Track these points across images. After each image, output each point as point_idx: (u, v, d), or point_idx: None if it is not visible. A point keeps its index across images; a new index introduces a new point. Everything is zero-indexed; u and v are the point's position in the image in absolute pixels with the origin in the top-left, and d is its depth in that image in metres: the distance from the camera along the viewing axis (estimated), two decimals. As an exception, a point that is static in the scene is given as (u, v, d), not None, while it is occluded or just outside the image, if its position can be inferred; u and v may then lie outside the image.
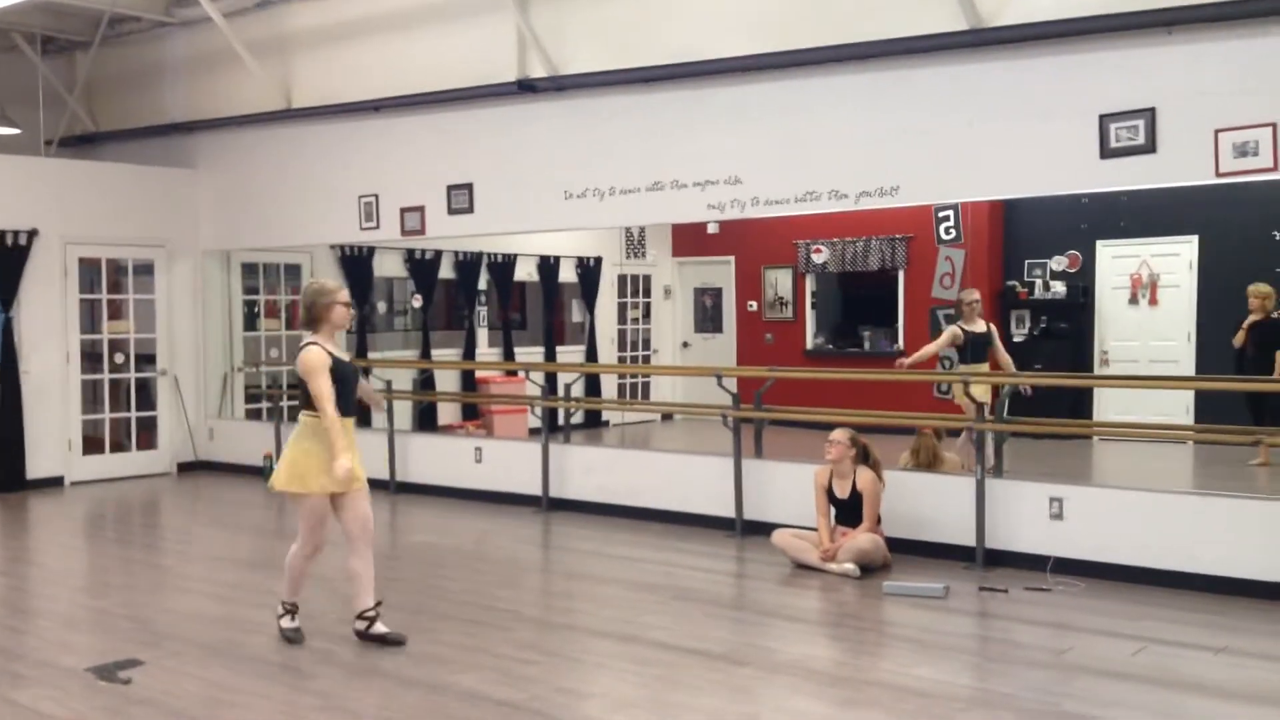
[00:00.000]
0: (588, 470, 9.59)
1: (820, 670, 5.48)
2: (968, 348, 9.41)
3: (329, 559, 5.88)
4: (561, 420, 10.47)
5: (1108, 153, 7.00)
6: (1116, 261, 12.91)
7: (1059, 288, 13.10)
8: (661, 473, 9.28)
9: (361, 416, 7.20)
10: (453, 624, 6.18)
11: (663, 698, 5.03)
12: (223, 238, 12.11)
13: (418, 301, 13.51)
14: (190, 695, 5.07)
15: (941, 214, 13.28)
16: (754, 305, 15.31)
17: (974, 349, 9.42)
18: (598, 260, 15.13)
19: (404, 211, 10.43)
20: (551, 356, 14.61)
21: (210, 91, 11.68)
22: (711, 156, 8.61)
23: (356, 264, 12.62)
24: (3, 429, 10.81)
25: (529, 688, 5.12)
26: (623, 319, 15.74)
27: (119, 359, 11.73)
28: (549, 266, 14.66)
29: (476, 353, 13.99)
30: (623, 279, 15.67)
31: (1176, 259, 12.51)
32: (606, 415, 15.12)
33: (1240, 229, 11.76)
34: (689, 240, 15.66)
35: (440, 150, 10.20)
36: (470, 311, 14.01)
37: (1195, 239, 12.29)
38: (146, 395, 12.01)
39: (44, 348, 11.07)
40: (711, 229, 14.88)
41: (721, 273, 15.75)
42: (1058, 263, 13.20)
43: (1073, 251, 13.10)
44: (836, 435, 7.48)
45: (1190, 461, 11.23)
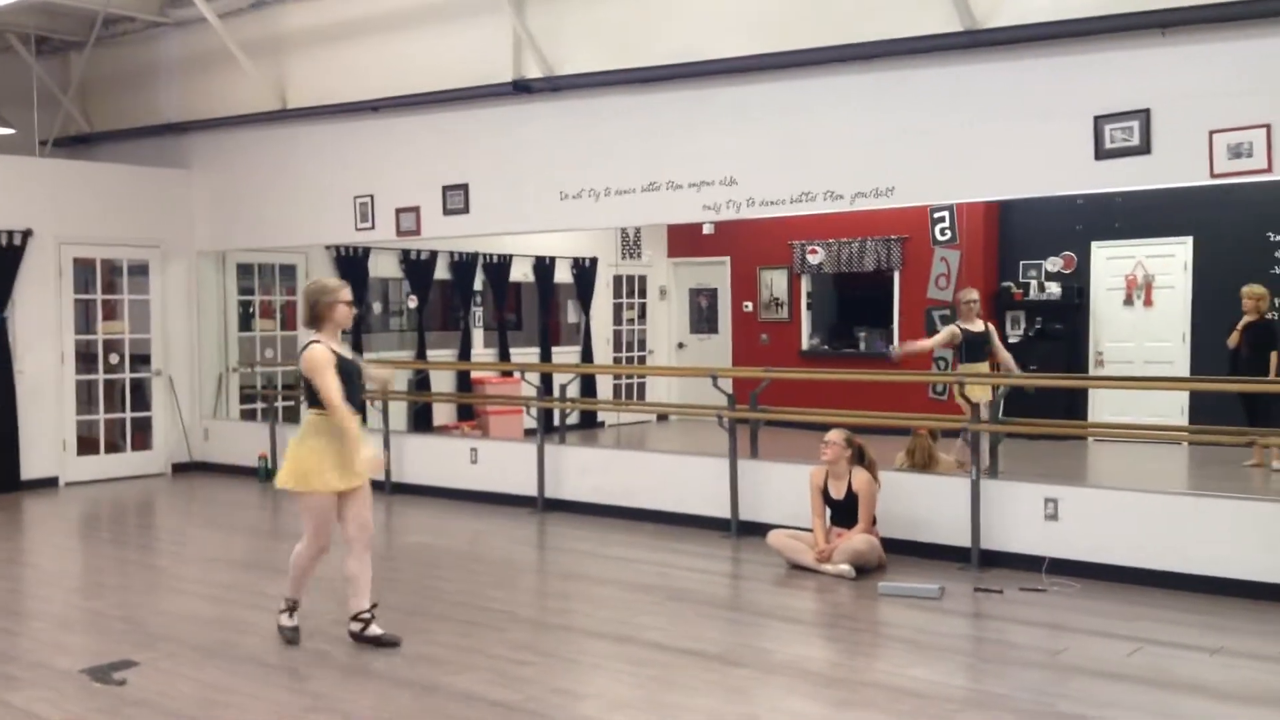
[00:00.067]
0: (583, 471, 9.59)
1: (816, 671, 5.48)
2: (965, 347, 9.42)
3: (327, 559, 5.86)
4: (557, 421, 10.46)
5: (1102, 154, 7.01)
6: (1111, 262, 12.92)
7: (1054, 289, 13.11)
8: (657, 473, 9.28)
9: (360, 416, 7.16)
10: (448, 625, 6.18)
11: (658, 698, 5.03)
12: (218, 238, 12.10)
13: (413, 302, 13.49)
14: (185, 696, 5.07)
15: (937, 215, 13.31)
16: (749, 306, 15.31)
17: (972, 348, 9.42)
18: (593, 261, 15.13)
19: (399, 212, 10.43)
20: (547, 357, 14.61)
21: (205, 92, 11.67)
22: (707, 157, 8.61)
23: (352, 264, 12.60)
24: (-3, 430, 10.80)
25: (524, 688, 5.11)
26: (618, 320, 15.73)
27: (114, 359, 11.71)
28: (544, 267, 14.66)
29: (472, 353, 13.97)
30: (618, 279, 15.66)
31: (1171, 260, 12.52)
32: (602, 416, 15.12)
33: (1235, 230, 11.77)
34: (684, 241, 15.65)
35: (436, 151, 10.19)
36: (465, 312, 14.00)
37: (1190, 240, 12.30)
38: (141, 396, 11.99)
39: (38, 348, 11.05)
40: (707, 230, 14.82)
41: (717, 273, 15.74)
42: (1053, 264, 13.21)
43: (1068, 252, 13.11)
44: (832, 436, 7.48)
45: (1185, 462, 11.24)
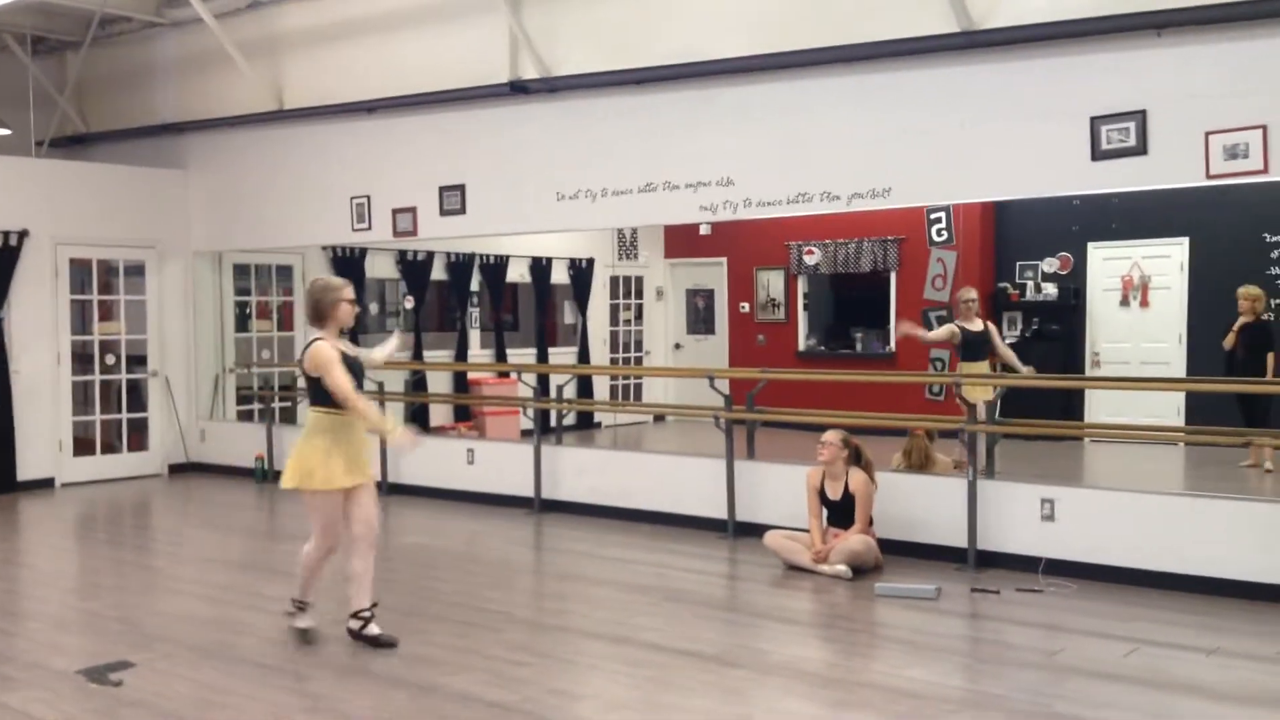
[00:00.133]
0: (580, 472, 9.59)
1: (812, 672, 5.48)
2: (964, 346, 9.42)
3: (332, 559, 5.85)
4: (554, 422, 10.46)
5: (1099, 154, 7.02)
6: (1108, 263, 12.93)
7: (1050, 290, 13.12)
8: (654, 474, 9.28)
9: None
10: (445, 625, 6.17)
11: (655, 699, 5.03)
12: (214, 239, 12.09)
13: (410, 303, 13.49)
14: (181, 697, 5.06)
15: (933, 216, 13.32)
16: (746, 307, 15.31)
17: (971, 348, 9.42)
18: (590, 261, 15.13)
19: (396, 213, 10.42)
20: (544, 358, 14.61)
21: (201, 92, 11.66)
22: (703, 158, 8.61)
23: (349, 265, 12.59)
24: (-7, 430, 10.79)
25: (521, 689, 5.11)
26: (615, 320, 15.74)
27: (110, 360, 11.70)
28: (541, 268, 14.66)
29: (468, 354, 13.97)
30: (615, 280, 15.66)
31: (1167, 261, 12.54)
32: (599, 417, 15.11)
33: (1230, 231, 11.79)
34: (681, 241, 15.65)
35: (432, 151, 10.19)
36: (462, 313, 14.00)
37: (1186, 241, 12.31)
38: (138, 396, 11.98)
39: (34, 349, 11.04)
40: (704, 230, 14.90)
41: (714, 274, 15.75)
42: (1049, 265, 13.22)
43: (1064, 253, 13.12)
44: (829, 437, 7.48)
45: (1181, 463, 11.25)
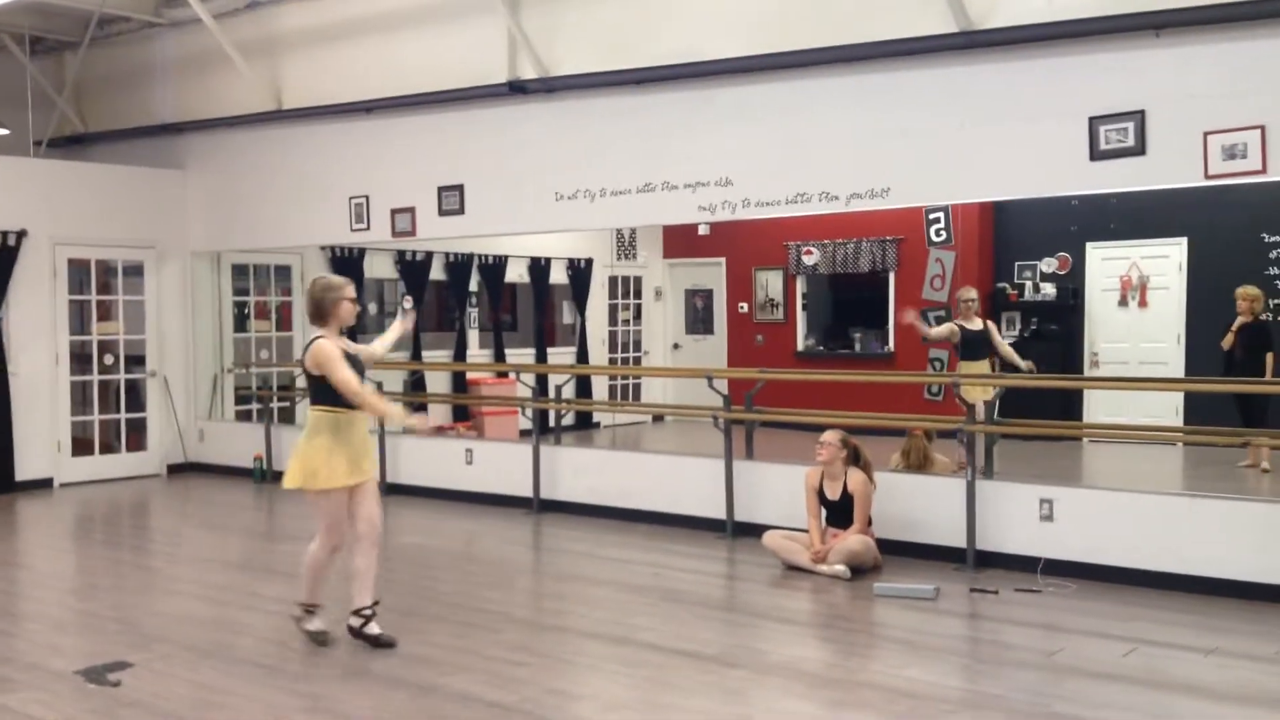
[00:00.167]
0: (578, 472, 9.58)
1: (811, 672, 5.48)
2: (964, 346, 9.42)
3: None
4: (552, 422, 10.46)
5: (1097, 155, 7.02)
6: (1106, 263, 12.94)
7: (1049, 290, 13.12)
8: (652, 474, 9.27)
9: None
10: (444, 626, 6.17)
11: (654, 699, 5.03)
12: (212, 239, 12.09)
13: (408, 303, 13.47)
14: (180, 697, 5.06)
15: (932, 216, 13.32)
16: (745, 307, 15.31)
17: (970, 347, 9.43)
18: (588, 262, 15.12)
19: (394, 213, 10.42)
20: (542, 358, 14.60)
21: (200, 92, 11.65)
22: (702, 158, 8.61)
23: (347, 265, 12.58)
24: (-9, 431, 10.78)
25: (520, 689, 5.11)
26: (613, 320, 15.74)
27: (108, 360, 11.69)
28: (540, 268, 14.65)
29: (467, 354, 13.97)
30: (613, 280, 15.66)
31: (1166, 261, 12.55)
32: (597, 417, 15.10)
33: (1229, 231, 11.79)
34: (680, 242, 15.65)
35: (431, 151, 10.18)
36: (461, 313, 14.00)
37: (1184, 241, 12.32)
38: (136, 396, 11.97)
39: (33, 349, 11.03)
40: (702, 230, 14.89)
41: (712, 274, 15.75)
42: (1047, 265, 13.23)
43: (1062, 253, 13.12)
44: (827, 437, 7.48)
45: (1180, 463, 11.25)
